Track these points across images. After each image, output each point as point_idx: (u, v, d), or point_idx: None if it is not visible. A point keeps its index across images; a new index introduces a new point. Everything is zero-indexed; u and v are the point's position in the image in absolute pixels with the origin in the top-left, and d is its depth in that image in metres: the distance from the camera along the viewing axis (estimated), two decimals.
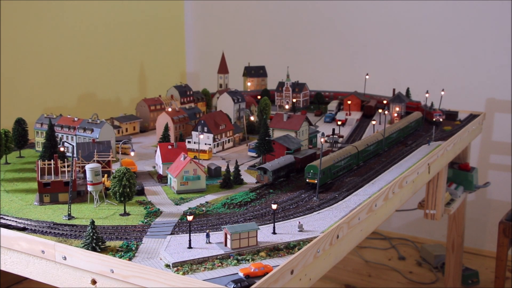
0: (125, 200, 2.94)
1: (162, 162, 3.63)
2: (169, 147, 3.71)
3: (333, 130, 4.69)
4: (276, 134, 4.21)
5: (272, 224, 2.81)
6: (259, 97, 5.97)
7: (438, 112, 5.08)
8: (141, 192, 3.33)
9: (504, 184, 6.66)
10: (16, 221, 2.85)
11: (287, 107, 5.58)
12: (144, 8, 7.60)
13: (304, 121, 4.24)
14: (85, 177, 3.21)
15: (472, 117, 5.52)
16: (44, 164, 3.26)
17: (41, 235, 2.67)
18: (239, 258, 2.49)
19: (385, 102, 5.52)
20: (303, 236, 2.71)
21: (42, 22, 6.26)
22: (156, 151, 3.82)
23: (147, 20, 7.68)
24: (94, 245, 2.50)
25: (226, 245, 2.58)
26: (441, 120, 5.05)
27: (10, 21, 5.87)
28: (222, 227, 2.75)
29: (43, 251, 2.58)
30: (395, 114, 5.26)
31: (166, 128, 4.17)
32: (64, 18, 6.50)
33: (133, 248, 2.55)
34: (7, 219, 2.88)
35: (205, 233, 2.69)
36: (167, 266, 2.40)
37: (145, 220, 2.90)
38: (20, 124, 4.04)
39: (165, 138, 4.12)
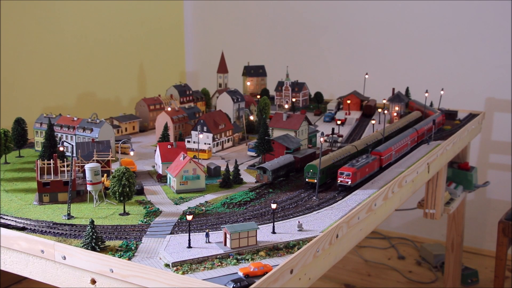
0: (125, 199, 2.94)
1: (162, 162, 3.63)
2: (169, 146, 3.71)
3: (333, 129, 4.69)
4: (276, 133, 4.21)
5: (272, 224, 2.81)
6: (258, 96, 5.97)
7: (347, 171, 3.34)
8: (141, 192, 3.33)
9: (503, 183, 6.66)
10: (15, 221, 2.85)
11: (286, 106, 5.58)
12: (144, 7, 7.60)
13: (303, 121, 4.24)
14: (84, 177, 3.21)
15: (471, 116, 5.52)
16: (44, 164, 3.26)
17: (40, 234, 2.67)
18: (239, 257, 2.49)
19: (384, 101, 5.53)
20: (302, 235, 2.71)
21: (42, 21, 6.26)
22: (155, 150, 3.81)
23: (146, 20, 7.68)
24: (93, 244, 2.49)
25: (225, 244, 2.58)
26: (349, 183, 3.35)
27: (10, 21, 5.87)
28: (221, 226, 2.75)
29: (42, 251, 2.58)
30: (395, 114, 5.26)
31: (166, 128, 4.17)
32: (63, 18, 6.50)
33: (133, 248, 2.55)
34: (6, 219, 2.88)
35: (204, 233, 2.69)
36: (167, 265, 2.40)
37: (145, 220, 2.90)
38: (19, 123, 4.04)
39: (164, 137, 4.12)
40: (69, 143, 4.06)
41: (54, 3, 6.36)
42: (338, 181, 3.38)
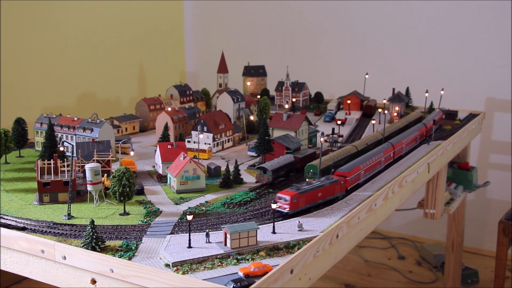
0: (125, 199, 2.94)
1: (162, 162, 3.63)
2: (169, 146, 3.71)
3: (333, 129, 4.69)
4: (276, 133, 4.21)
5: (272, 224, 2.81)
6: (258, 96, 5.98)
7: (286, 195, 2.93)
8: (141, 192, 3.33)
9: (503, 183, 6.66)
10: (16, 221, 2.85)
11: (286, 106, 5.58)
12: (144, 7, 7.60)
13: (303, 121, 4.24)
14: (84, 177, 3.21)
15: (471, 116, 5.52)
16: (44, 164, 3.26)
17: (40, 234, 2.67)
18: (239, 257, 2.49)
19: (384, 101, 5.52)
20: (302, 235, 2.71)
21: (42, 21, 6.26)
22: (155, 150, 3.82)
23: (146, 20, 7.68)
24: (93, 244, 2.49)
25: (225, 244, 2.58)
26: (286, 210, 2.94)
27: (10, 21, 5.87)
28: (221, 226, 2.75)
29: (42, 251, 2.58)
30: (395, 114, 5.26)
31: (166, 128, 4.17)
32: (63, 18, 6.50)
33: (133, 248, 2.55)
34: (7, 219, 2.88)
35: (204, 233, 2.69)
36: (167, 265, 2.40)
37: (145, 220, 2.90)
38: (19, 123, 4.04)
39: (164, 137, 4.12)
40: (69, 143, 4.06)
41: (54, 3, 6.36)
42: (276, 207, 2.88)
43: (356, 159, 3.57)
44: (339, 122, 5.12)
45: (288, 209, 2.92)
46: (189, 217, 2.59)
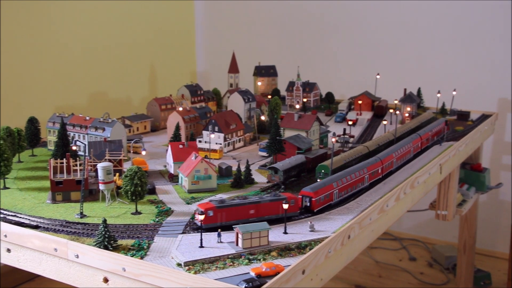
0: (137, 199, 2.95)
1: (173, 161, 3.64)
2: (180, 146, 3.72)
3: (344, 130, 4.68)
4: (287, 133, 4.21)
5: (284, 224, 2.80)
6: (269, 96, 5.97)
7: (202, 208, 2.77)
8: (153, 191, 3.34)
9: None
10: (29, 219, 2.88)
11: (297, 106, 5.57)
12: (155, 8, 7.62)
13: (315, 121, 4.23)
14: (97, 176, 3.23)
15: (484, 117, 5.48)
16: (57, 163, 3.28)
17: (53, 233, 2.69)
18: (251, 257, 2.49)
19: (395, 101, 5.50)
20: (314, 236, 2.71)
21: (54, 21, 6.30)
22: (167, 150, 3.83)
23: (157, 20, 7.71)
24: (106, 243, 2.50)
25: (237, 244, 2.58)
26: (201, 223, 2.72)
27: (22, 21, 5.92)
28: (233, 226, 2.74)
29: (55, 249, 2.59)
30: (406, 114, 5.23)
31: (177, 128, 4.18)
32: (75, 18, 6.54)
33: (145, 247, 2.56)
34: (20, 217, 2.90)
35: (216, 233, 2.69)
36: (179, 265, 2.40)
37: (157, 219, 2.91)
38: (32, 123, 4.08)
39: (176, 137, 4.13)
40: (82, 142, 4.09)
41: (68, 4, 6.40)
42: (195, 219, 2.75)
43: (333, 175, 3.25)
44: (350, 123, 5.10)
45: (202, 222, 2.69)
46: (201, 217, 2.59)
